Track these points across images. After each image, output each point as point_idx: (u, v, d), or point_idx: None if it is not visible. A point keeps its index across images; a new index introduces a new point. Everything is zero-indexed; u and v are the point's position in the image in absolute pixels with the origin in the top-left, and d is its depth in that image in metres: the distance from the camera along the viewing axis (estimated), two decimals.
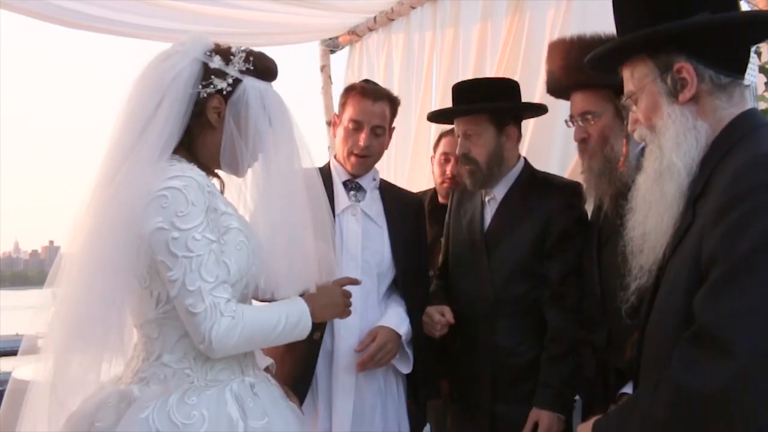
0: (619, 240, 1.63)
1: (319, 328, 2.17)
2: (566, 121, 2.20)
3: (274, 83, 1.71)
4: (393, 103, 2.37)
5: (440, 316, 2.25)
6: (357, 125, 2.30)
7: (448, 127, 2.86)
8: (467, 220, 2.40)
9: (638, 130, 1.49)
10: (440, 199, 2.91)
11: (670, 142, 1.38)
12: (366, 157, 2.32)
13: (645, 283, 1.44)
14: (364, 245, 2.28)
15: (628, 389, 1.55)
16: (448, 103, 3.17)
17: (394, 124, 2.41)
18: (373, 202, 2.37)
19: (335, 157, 2.42)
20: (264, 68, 1.67)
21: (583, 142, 2.13)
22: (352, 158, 2.32)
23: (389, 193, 2.43)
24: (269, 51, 1.75)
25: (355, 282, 1.97)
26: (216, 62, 1.62)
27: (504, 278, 2.26)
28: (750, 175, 1.22)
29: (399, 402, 2.33)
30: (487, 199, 2.36)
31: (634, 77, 1.46)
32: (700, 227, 1.28)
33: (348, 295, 1.86)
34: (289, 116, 1.70)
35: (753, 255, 1.16)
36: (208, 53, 1.63)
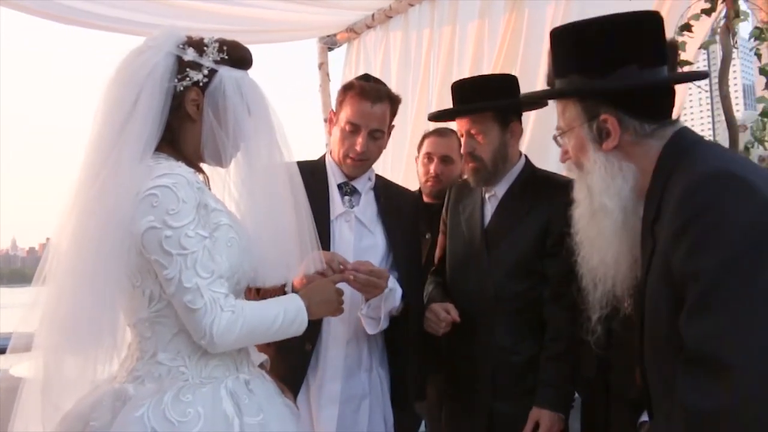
0: None
1: (310, 339, 2.15)
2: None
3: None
4: (393, 102, 2.27)
5: (445, 313, 2.22)
6: (354, 128, 2.20)
7: (431, 126, 2.87)
8: (466, 216, 2.39)
9: (568, 164, 1.54)
10: (425, 198, 2.94)
11: (597, 185, 1.43)
12: (363, 161, 2.26)
13: (609, 313, 1.48)
14: (356, 254, 2.21)
15: (645, 417, 1.57)
16: (445, 101, 3.17)
17: (393, 122, 2.35)
18: (367, 206, 2.30)
19: (330, 153, 2.34)
20: (238, 57, 1.66)
21: None
22: (348, 161, 2.25)
23: (385, 192, 2.36)
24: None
25: (347, 279, 1.95)
26: (190, 54, 1.61)
27: (504, 275, 2.25)
28: (700, 194, 1.24)
29: (384, 402, 2.29)
30: (487, 196, 2.35)
31: (564, 116, 1.50)
32: (662, 251, 1.30)
33: (341, 293, 1.86)
34: (267, 104, 1.69)
35: (721, 271, 1.18)
36: (181, 46, 1.62)
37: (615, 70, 1.39)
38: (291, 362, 2.14)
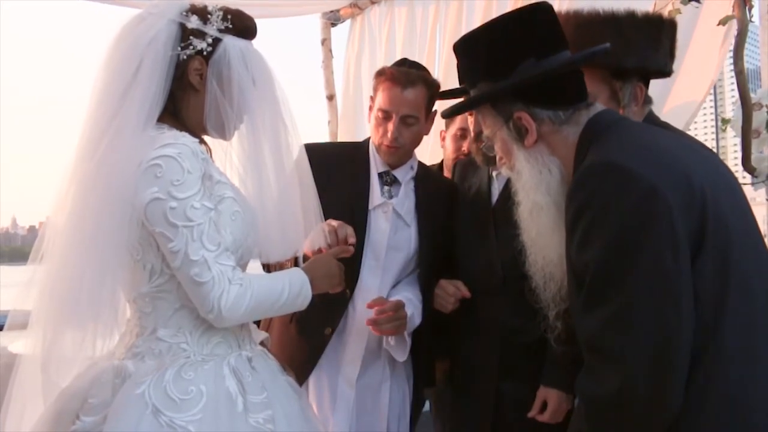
0: None
1: (331, 323, 2.17)
2: None
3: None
4: (429, 86, 2.21)
5: (455, 289, 2.20)
6: (386, 115, 2.20)
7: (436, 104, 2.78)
8: (473, 194, 2.35)
9: (504, 168, 1.58)
10: (446, 174, 2.86)
11: (528, 183, 1.48)
12: (396, 148, 2.23)
13: (566, 308, 1.51)
14: (390, 245, 2.22)
15: None
16: (451, 78, 3.11)
17: (435, 107, 2.27)
18: (406, 198, 2.28)
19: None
20: (243, 26, 1.62)
21: None
22: (383, 148, 2.24)
23: (424, 182, 2.33)
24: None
25: (348, 250, 1.92)
26: (193, 22, 1.56)
27: (512, 254, 2.19)
28: (583, 187, 1.32)
29: (405, 383, 2.30)
30: (494, 174, 2.31)
31: (486, 124, 1.56)
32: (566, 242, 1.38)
33: (342, 267, 1.84)
34: (272, 75, 1.65)
35: (603, 263, 1.26)
36: (184, 13, 1.57)
37: (515, 67, 1.44)
38: (310, 344, 2.17)
